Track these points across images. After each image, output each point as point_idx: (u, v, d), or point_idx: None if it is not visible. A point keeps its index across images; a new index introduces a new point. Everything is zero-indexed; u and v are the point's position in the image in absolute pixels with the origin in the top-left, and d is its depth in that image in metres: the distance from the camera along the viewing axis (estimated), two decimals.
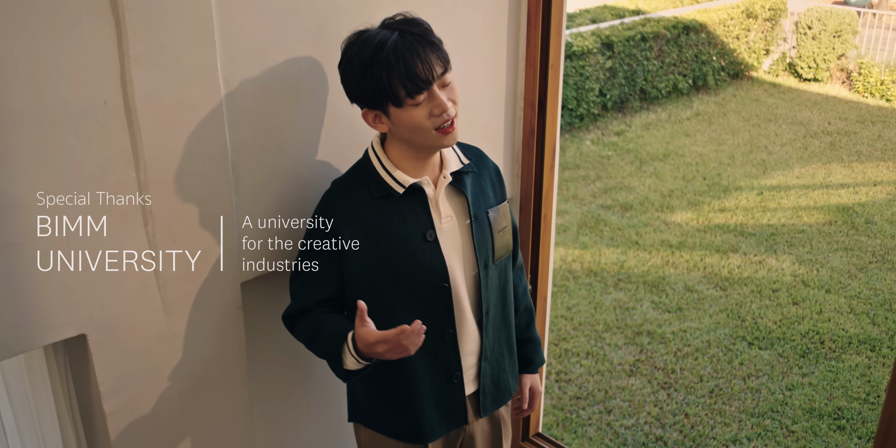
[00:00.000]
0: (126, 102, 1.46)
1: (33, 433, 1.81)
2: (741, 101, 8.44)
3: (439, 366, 1.68)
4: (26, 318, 1.45)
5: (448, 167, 1.64)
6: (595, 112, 7.71)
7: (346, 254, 1.59)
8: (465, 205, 1.66)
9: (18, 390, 1.78)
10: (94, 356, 1.55)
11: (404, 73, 1.44)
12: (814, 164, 6.67)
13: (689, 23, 8.45)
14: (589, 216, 5.73)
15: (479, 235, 1.67)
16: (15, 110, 1.33)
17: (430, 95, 1.49)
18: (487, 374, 1.76)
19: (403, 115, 1.50)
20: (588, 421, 3.51)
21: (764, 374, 3.86)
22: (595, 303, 4.54)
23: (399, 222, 1.59)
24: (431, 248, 1.61)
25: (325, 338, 1.57)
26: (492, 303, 1.72)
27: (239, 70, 1.61)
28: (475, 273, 1.67)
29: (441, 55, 1.50)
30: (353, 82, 1.50)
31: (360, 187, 1.61)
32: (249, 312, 1.83)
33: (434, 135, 1.52)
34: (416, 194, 1.60)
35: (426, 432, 1.72)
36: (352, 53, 1.49)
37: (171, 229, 1.59)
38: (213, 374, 1.76)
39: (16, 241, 1.40)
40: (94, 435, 1.72)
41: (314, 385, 2.06)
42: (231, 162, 1.64)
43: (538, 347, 1.94)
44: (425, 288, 1.61)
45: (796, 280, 4.78)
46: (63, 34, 1.35)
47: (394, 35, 1.46)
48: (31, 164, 1.38)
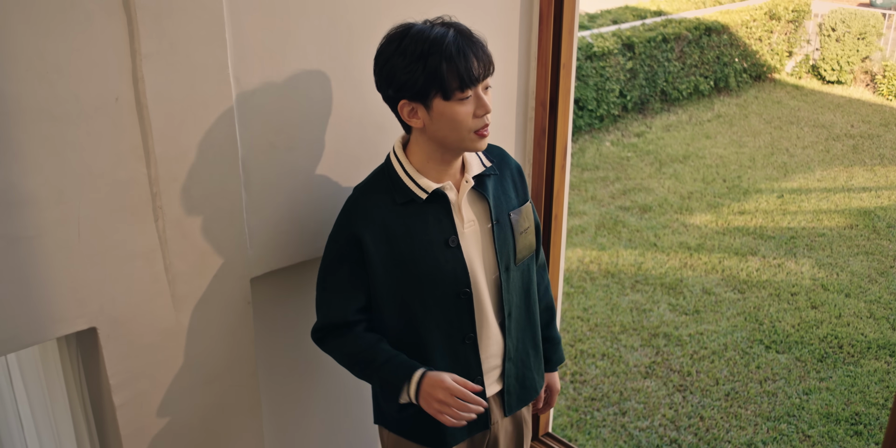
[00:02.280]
0: (137, 99, 1.48)
1: (48, 424, 1.84)
2: (763, 103, 8.37)
3: (460, 370, 1.67)
4: (38, 310, 1.47)
5: (470, 171, 1.64)
6: (615, 113, 7.68)
7: (371, 260, 1.59)
8: (487, 209, 1.66)
9: (34, 382, 1.81)
10: (105, 349, 1.58)
11: (462, 66, 1.45)
12: (835, 168, 6.60)
13: (710, 24, 8.39)
14: (607, 217, 5.71)
15: (501, 239, 1.66)
16: (28, 106, 1.36)
17: (477, 95, 1.50)
18: (512, 373, 1.76)
19: (447, 109, 1.49)
20: (602, 422, 3.50)
21: (781, 378, 3.83)
22: (612, 304, 4.53)
23: (422, 228, 1.60)
24: (454, 254, 1.61)
25: (384, 365, 1.61)
26: (514, 304, 1.72)
27: (250, 68, 1.62)
28: (496, 276, 1.67)
29: (489, 58, 1.51)
30: (402, 71, 1.47)
31: (382, 193, 1.61)
32: (258, 308, 1.85)
33: (471, 136, 1.53)
34: (438, 200, 1.60)
35: (447, 438, 1.72)
36: (402, 44, 1.47)
37: (182, 225, 1.60)
38: (222, 368, 1.78)
39: (28, 234, 1.42)
40: (105, 427, 1.74)
41: (322, 381, 2.08)
42: (241, 159, 1.66)
43: (557, 346, 1.94)
44: (447, 293, 1.62)
45: (815, 284, 4.73)
46: (75, 31, 1.37)
47: (450, 31, 1.47)
48: (44, 160, 1.40)
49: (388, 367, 1.60)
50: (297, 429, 2.09)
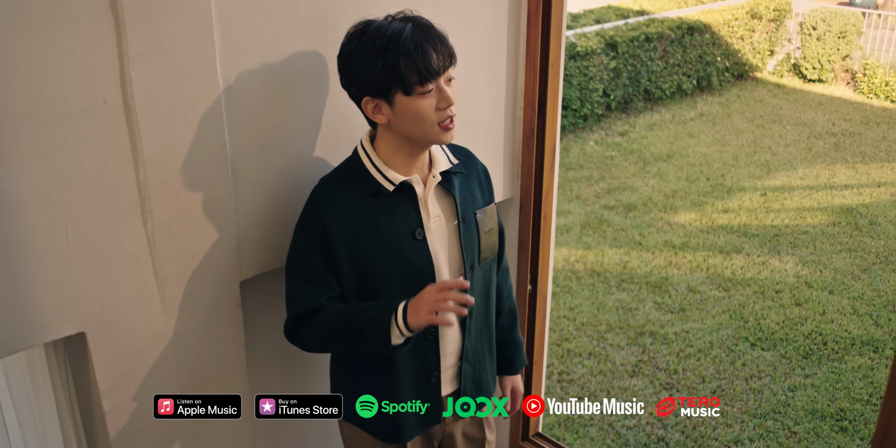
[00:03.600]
0: (125, 101, 1.46)
1: (35, 430, 1.82)
2: (745, 101, 8.42)
3: (419, 365, 1.70)
4: (26, 315, 1.45)
5: (437, 166, 1.65)
6: (599, 112, 7.71)
7: (338, 248, 1.58)
8: (454, 205, 1.67)
9: (20, 388, 1.79)
10: (94, 354, 1.56)
11: (420, 60, 1.46)
12: (818, 165, 6.65)
13: (693, 23, 8.43)
14: (592, 217, 5.73)
15: (467, 236, 1.68)
16: (15, 109, 1.34)
17: (438, 88, 1.51)
18: (468, 374, 1.78)
19: (410, 104, 1.50)
20: (590, 421, 3.51)
21: (766, 375, 3.85)
22: (598, 303, 4.54)
23: (388, 220, 1.60)
24: (420, 247, 1.62)
25: (365, 313, 1.55)
26: (476, 304, 1.72)
27: (238, 69, 1.61)
28: (461, 274, 1.68)
29: (449, 50, 1.53)
30: (362, 68, 1.49)
31: (349, 184, 1.61)
32: (248, 311, 1.83)
33: (435, 129, 1.54)
34: (405, 192, 1.61)
35: (404, 431, 1.74)
36: (362, 41, 1.49)
37: (171, 228, 1.59)
38: (212, 372, 1.76)
39: (16, 239, 1.40)
40: (94, 432, 1.72)
41: (313, 383, 2.07)
42: (230, 161, 1.65)
43: (520, 349, 1.95)
44: (411, 286, 1.61)
45: (799, 281, 4.77)
46: (63, 33, 1.36)
47: (408, 25, 1.48)
48: (31, 163, 1.38)
49: (369, 312, 1.56)
50: (287, 433, 2.08)
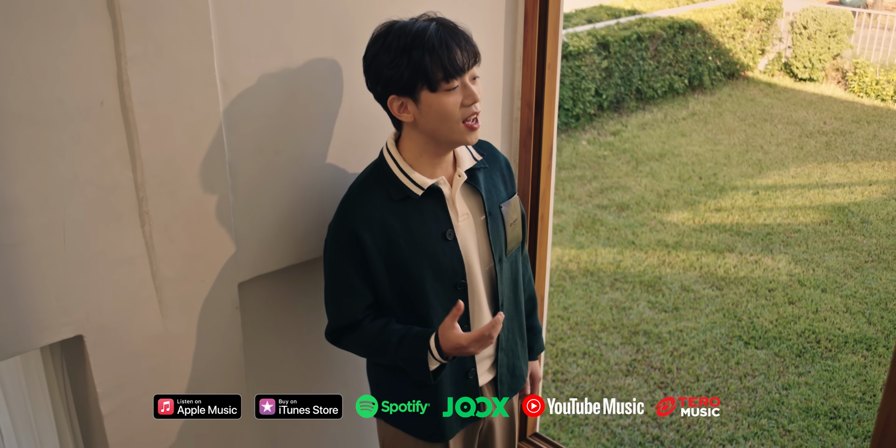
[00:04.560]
0: (123, 103, 1.46)
1: (30, 435, 1.80)
2: (737, 100, 8.45)
3: (457, 363, 1.72)
4: (23, 319, 1.44)
5: (462, 165, 1.66)
6: (591, 112, 7.72)
7: (372, 257, 1.60)
8: (480, 201, 1.69)
9: (15, 392, 1.78)
10: (92, 357, 1.55)
11: (446, 57, 1.48)
12: (809, 164, 6.68)
13: (684, 23, 8.46)
14: (585, 216, 5.73)
15: (494, 230, 1.70)
16: (11, 111, 1.33)
17: (463, 84, 1.52)
18: (504, 363, 1.81)
19: (435, 101, 1.51)
20: (585, 421, 3.51)
21: (760, 374, 3.87)
22: (591, 303, 4.55)
23: (419, 223, 1.61)
24: (451, 247, 1.64)
25: (399, 346, 1.62)
26: (506, 295, 1.76)
27: (236, 71, 1.60)
28: (491, 267, 1.71)
29: (474, 48, 1.54)
30: (387, 67, 1.50)
31: (377, 190, 1.62)
32: (246, 313, 1.83)
33: (460, 128, 1.54)
34: (433, 194, 1.63)
35: (446, 430, 1.76)
36: (387, 40, 1.51)
37: (169, 230, 1.58)
38: (210, 375, 1.76)
39: (13, 241, 1.39)
40: (92, 436, 1.71)
41: (312, 385, 2.06)
42: (228, 162, 1.64)
43: (539, 335, 2.00)
44: (444, 285, 1.65)
45: (792, 279, 4.79)
46: (60, 35, 1.35)
47: (432, 24, 1.50)
48: (28, 165, 1.37)
49: (403, 346, 1.61)
50: (287, 434, 2.07)
